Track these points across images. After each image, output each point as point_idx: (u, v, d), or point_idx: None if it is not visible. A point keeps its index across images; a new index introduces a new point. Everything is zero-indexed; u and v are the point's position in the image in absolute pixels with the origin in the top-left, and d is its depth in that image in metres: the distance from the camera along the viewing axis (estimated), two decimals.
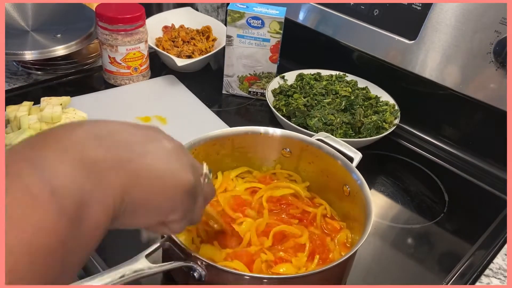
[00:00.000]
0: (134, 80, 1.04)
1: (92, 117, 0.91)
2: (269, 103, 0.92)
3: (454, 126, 0.94)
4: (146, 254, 0.53)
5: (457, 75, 0.87)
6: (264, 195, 0.70)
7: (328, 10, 1.03)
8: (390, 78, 0.99)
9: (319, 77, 1.01)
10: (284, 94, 0.96)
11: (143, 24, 1.00)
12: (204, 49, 1.11)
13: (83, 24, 1.05)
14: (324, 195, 0.73)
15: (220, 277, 0.54)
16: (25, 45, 0.97)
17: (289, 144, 0.73)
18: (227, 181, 0.73)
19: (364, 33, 0.98)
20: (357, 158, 0.68)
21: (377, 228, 0.75)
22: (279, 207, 0.70)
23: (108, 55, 1.00)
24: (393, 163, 0.91)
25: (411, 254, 0.72)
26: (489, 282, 0.68)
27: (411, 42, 0.92)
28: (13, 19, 1.04)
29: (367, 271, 0.68)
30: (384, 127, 0.89)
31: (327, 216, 0.70)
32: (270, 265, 0.60)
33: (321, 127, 0.86)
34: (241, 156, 0.75)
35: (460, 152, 0.92)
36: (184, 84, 1.06)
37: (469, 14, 0.83)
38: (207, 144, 0.70)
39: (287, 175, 0.75)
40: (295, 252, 0.62)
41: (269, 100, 0.94)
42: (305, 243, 0.63)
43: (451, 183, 0.86)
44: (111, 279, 0.49)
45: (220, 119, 0.95)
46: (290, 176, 0.75)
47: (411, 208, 0.80)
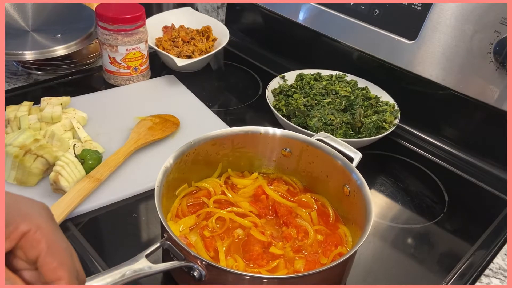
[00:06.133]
0: (134, 80, 1.04)
1: (92, 117, 0.91)
2: (269, 103, 0.92)
3: (454, 126, 0.94)
4: (146, 254, 0.53)
5: (457, 75, 0.88)
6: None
7: (328, 10, 1.03)
8: (390, 78, 0.99)
9: (319, 77, 1.01)
10: (284, 94, 0.96)
11: (143, 24, 1.00)
12: (204, 49, 1.11)
13: (83, 24, 1.05)
14: (324, 195, 0.73)
15: (220, 277, 0.54)
16: (25, 45, 0.97)
17: (289, 144, 0.73)
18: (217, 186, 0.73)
19: (364, 33, 0.98)
20: (357, 158, 0.68)
21: (377, 228, 0.75)
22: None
23: (108, 55, 1.00)
24: (393, 163, 0.91)
25: (411, 254, 0.72)
26: (489, 282, 0.68)
27: (411, 42, 0.92)
28: (13, 19, 1.04)
29: (367, 271, 0.68)
30: (384, 127, 0.89)
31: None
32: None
33: (321, 127, 0.86)
34: (241, 156, 0.75)
35: (460, 152, 0.92)
36: (184, 84, 1.06)
37: (469, 14, 0.83)
38: (207, 144, 0.70)
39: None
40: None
41: (269, 100, 0.94)
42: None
43: (451, 183, 0.86)
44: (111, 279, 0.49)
45: (220, 119, 0.95)
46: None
47: (411, 208, 0.80)
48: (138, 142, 0.84)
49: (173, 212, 0.68)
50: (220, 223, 0.67)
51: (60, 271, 0.40)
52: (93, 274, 0.50)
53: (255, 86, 1.10)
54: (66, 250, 0.41)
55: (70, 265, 0.41)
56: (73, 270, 0.41)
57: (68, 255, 0.41)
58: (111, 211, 0.74)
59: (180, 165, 0.67)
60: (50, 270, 0.40)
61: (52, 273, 0.40)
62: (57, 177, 0.71)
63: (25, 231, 0.40)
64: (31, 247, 0.40)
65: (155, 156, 0.84)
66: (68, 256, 0.41)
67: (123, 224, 0.73)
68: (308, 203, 0.72)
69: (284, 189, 0.74)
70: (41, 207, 0.43)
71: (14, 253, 0.41)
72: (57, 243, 0.41)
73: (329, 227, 0.69)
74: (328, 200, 0.73)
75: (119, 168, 0.79)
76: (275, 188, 0.73)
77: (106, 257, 0.66)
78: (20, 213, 0.40)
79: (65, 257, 0.41)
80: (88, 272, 0.64)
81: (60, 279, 0.40)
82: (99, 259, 0.65)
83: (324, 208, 0.72)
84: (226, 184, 0.74)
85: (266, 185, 0.73)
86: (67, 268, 0.40)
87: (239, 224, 0.67)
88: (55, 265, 0.40)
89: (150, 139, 0.85)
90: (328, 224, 0.69)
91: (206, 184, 0.72)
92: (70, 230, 0.69)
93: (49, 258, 0.40)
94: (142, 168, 0.81)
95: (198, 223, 0.67)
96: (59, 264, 0.40)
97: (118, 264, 0.51)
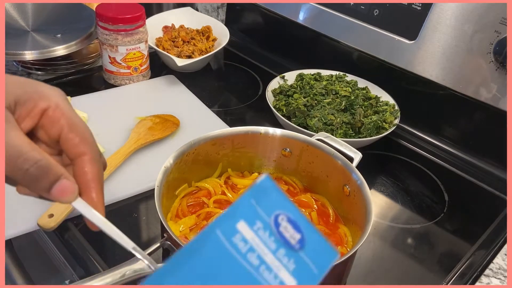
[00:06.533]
0: (134, 80, 1.04)
1: (92, 117, 0.91)
2: (269, 103, 0.92)
3: (454, 126, 0.94)
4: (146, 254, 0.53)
5: (457, 75, 0.88)
6: None
7: (328, 10, 1.03)
8: (390, 78, 0.99)
9: (319, 77, 1.01)
10: (284, 94, 0.96)
11: (143, 24, 1.00)
12: (204, 49, 1.11)
13: (83, 24, 1.05)
14: (324, 195, 0.73)
15: None
16: (25, 45, 0.97)
17: (289, 144, 0.73)
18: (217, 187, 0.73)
19: (364, 33, 0.98)
20: (357, 158, 0.68)
21: (377, 228, 0.75)
22: None
23: (108, 55, 1.00)
24: (393, 163, 0.91)
25: (411, 254, 0.72)
26: (489, 282, 0.68)
27: (411, 42, 0.92)
28: (13, 19, 1.04)
29: (367, 271, 0.68)
30: (384, 127, 0.89)
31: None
32: None
33: (321, 127, 0.86)
34: (241, 156, 0.75)
35: (460, 152, 0.92)
36: (184, 84, 1.06)
37: (469, 14, 0.83)
38: (207, 144, 0.70)
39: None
40: None
41: (269, 100, 0.94)
42: None
43: (451, 183, 0.86)
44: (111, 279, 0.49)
45: (220, 119, 0.95)
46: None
47: (411, 208, 0.80)
48: (138, 142, 0.84)
49: (173, 212, 0.68)
50: None
51: (83, 147, 0.40)
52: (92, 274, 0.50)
53: (255, 86, 1.10)
54: (86, 128, 0.41)
55: (92, 142, 0.41)
56: (95, 147, 0.41)
57: (89, 133, 0.41)
58: (111, 211, 0.74)
59: (180, 165, 0.67)
60: (73, 146, 0.40)
61: (76, 149, 0.40)
62: None
63: (45, 108, 0.39)
64: (52, 125, 0.40)
65: (155, 156, 0.84)
66: (88, 133, 0.41)
67: (123, 224, 0.72)
68: (308, 203, 0.72)
69: (284, 189, 0.74)
70: (53, 87, 0.42)
71: (35, 136, 0.40)
72: (76, 120, 0.41)
73: (329, 227, 0.69)
74: (328, 200, 0.72)
75: (119, 168, 0.79)
76: None
77: (106, 257, 0.66)
78: (37, 90, 0.40)
79: (86, 134, 0.41)
80: (88, 272, 0.64)
81: (83, 154, 0.40)
82: (99, 259, 0.65)
83: (324, 208, 0.72)
84: (226, 184, 0.74)
85: None
86: (90, 144, 0.41)
87: None
88: (77, 140, 0.40)
89: (150, 139, 0.85)
90: (328, 224, 0.69)
91: (206, 184, 0.72)
92: (70, 230, 0.69)
93: (71, 134, 0.40)
94: (142, 168, 0.81)
95: (198, 223, 0.67)
96: (81, 139, 0.40)
97: (118, 264, 0.51)
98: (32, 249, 0.80)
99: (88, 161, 0.40)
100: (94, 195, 0.41)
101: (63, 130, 0.40)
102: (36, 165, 0.36)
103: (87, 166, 0.40)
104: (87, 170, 0.40)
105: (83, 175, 0.40)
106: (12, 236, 0.67)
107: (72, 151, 0.40)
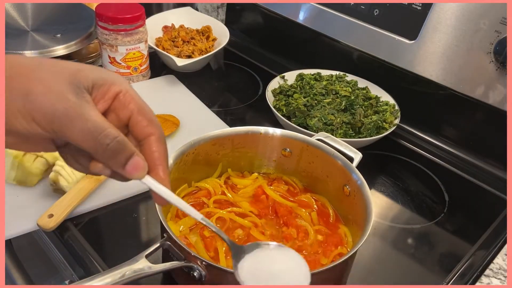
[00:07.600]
0: (134, 80, 1.04)
1: None
2: (269, 103, 0.92)
3: (454, 126, 0.94)
4: (146, 254, 0.53)
5: (457, 75, 0.87)
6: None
7: (328, 10, 1.03)
8: (390, 78, 0.99)
9: (319, 77, 1.01)
10: (284, 94, 0.96)
11: (143, 24, 1.00)
12: (204, 49, 1.11)
13: (83, 24, 1.05)
14: (324, 195, 0.73)
15: (220, 277, 0.54)
16: (25, 45, 0.97)
17: (289, 144, 0.73)
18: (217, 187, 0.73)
19: (364, 33, 0.98)
20: (357, 158, 0.68)
21: (377, 228, 0.75)
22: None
23: (108, 55, 1.00)
24: (393, 163, 0.91)
25: (411, 254, 0.72)
26: (489, 282, 0.68)
27: (411, 42, 0.92)
28: (13, 19, 1.04)
29: (367, 271, 0.68)
30: (384, 127, 0.89)
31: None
32: None
33: (321, 127, 0.86)
34: (241, 156, 0.75)
35: (460, 152, 0.92)
36: (184, 84, 1.06)
37: (469, 14, 0.83)
38: (207, 144, 0.70)
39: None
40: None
41: (269, 100, 0.94)
42: None
43: (451, 183, 0.86)
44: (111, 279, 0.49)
45: (220, 119, 0.95)
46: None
47: (411, 208, 0.80)
48: None
49: (173, 212, 0.68)
50: (220, 223, 0.67)
51: (151, 128, 0.43)
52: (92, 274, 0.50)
53: (255, 86, 1.10)
54: (151, 111, 0.44)
55: (158, 123, 0.44)
56: (161, 128, 0.45)
57: (154, 116, 0.44)
58: (111, 211, 0.74)
59: (180, 165, 0.67)
60: (142, 128, 0.43)
61: (144, 130, 0.43)
62: (57, 177, 0.71)
63: (117, 92, 0.43)
64: (123, 108, 0.43)
65: None
66: (154, 116, 0.44)
67: (123, 224, 0.73)
68: (308, 203, 0.72)
69: (284, 189, 0.74)
70: (120, 76, 0.45)
71: (106, 118, 0.42)
72: (144, 104, 0.44)
73: (329, 227, 0.69)
74: (328, 200, 0.72)
75: None
76: (275, 188, 0.73)
77: (106, 257, 0.65)
78: (109, 77, 0.43)
79: (153, 116, 0.44)
80: (88, 272, 0.64)
81: (151, 134, 0.43)
82: (99, 259, 0.65)
83: (324, 208, 0.72)
84: (226, 184, 0.74)
85: (266, 185, 0.73)
86: (156, 125, 0.44)
87: (239, 224, 0.67)
88: (146, 123, 0.43)
89: None
90: (328, 224, 0.69)
91: (206, 184, 0.72)
92: (70, 230, 0.69)
93: (140, 117, 0.43)
94: None
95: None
96: (149, 121, 0.43)
97: (118, 264, 0.51)
98: (32, 249, 0.80)
99: (155, 141, 0.44)
100: (161, 172, 0.44)
101: (133, 113, 0.43)
102: (115, 140, 0.40)
103: (155, 146, 0.44)
104: (155, 149, 0.44)
105: (151, 154, 0.43)
106: (12, 236, 0.67)
107: (141, 132, 0.43)
